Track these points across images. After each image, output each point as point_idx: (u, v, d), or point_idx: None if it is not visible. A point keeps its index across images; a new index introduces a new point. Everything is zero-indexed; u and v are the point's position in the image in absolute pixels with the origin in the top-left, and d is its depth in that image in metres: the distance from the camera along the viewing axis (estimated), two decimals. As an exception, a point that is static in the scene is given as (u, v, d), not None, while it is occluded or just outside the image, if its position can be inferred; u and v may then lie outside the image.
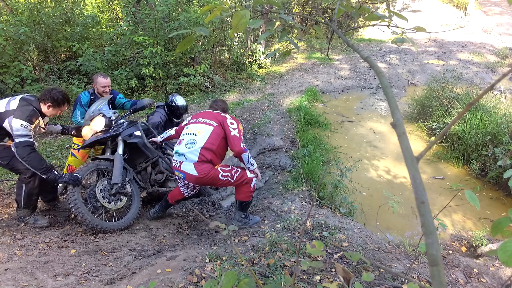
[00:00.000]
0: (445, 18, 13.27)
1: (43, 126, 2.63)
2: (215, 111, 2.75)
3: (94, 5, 8.28)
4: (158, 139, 3.01)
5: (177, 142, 2.66)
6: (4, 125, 2.40)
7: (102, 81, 3.10)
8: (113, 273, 1.95)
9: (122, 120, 2.99)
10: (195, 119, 2.69)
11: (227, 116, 2.69)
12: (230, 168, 2.59)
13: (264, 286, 0.81)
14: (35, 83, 5.35)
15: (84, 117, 2.97)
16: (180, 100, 3.56)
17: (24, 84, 5.23)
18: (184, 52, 6.57)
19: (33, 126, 2.45)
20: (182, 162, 2.51)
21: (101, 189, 2.67)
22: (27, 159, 2.36)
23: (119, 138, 2.87)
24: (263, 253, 2.03)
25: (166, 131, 3.00)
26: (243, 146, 2.57)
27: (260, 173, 2.83)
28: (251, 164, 2.66)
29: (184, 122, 2.80)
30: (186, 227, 3.04)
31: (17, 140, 2.35)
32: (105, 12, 8.43)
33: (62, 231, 2.66)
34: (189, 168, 2.48)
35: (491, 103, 5.11)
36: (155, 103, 3.47)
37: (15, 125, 2.35)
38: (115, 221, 2.74)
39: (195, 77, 6.57)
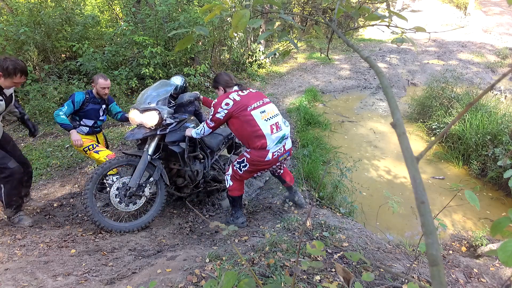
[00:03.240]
0: (445, 18, 13.26)
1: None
2: (253, 90, 2.67)
3: (94, 5, 8.28)
4: (193, 134, 2.71)
5: (264, 129, 2.43)
6: None
7: (102, 83, 3.10)
8: (113, 273, 1.95)
9: (171, 120, 2.78)
10: (260, 101, 2.54)
11: None
12: None
13: (264, 286, 0.81)
14: (35, 83, 5.35)
15: (138, 98, 2.83)
16: (176, 80, 3.26)
17: (24, 84, 5.23)
18: (184, 52, 6.57)
19: None
20: (286, 143, 2.60)
21: (117, 188, 2.64)
22: None
23: (158, 137, 2.73)
24: (263, 253, 2.03)
25: (201, 129, 2.64)
26: None
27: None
28: None
29: (249, 108, 2.46)
30: (187, 227, 3.04)
31: None
32: (105, 12, 8.43)
33: (62, 231, 2.66)
34: (289, 142, 2.66)
35: (491, 103, 5.10)
36: (200, 97, 3.14)
37: None
38: (126, 221, 2.73)
39: (195, 77, 6.57)
